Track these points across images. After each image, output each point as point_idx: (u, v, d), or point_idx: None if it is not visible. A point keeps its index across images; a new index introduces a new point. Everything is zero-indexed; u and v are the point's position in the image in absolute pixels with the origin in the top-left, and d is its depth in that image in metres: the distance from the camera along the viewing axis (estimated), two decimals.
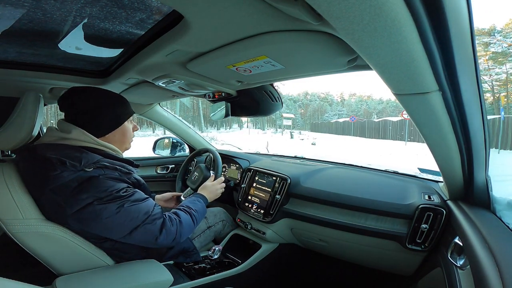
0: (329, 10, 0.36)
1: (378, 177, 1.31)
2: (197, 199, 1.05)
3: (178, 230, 0.87)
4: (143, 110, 1.68)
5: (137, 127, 1.01)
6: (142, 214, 0.81)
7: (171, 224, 0.86)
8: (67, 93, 0.86)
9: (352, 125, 27.43)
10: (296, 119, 51.22)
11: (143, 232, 0.81)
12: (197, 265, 1.17)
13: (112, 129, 0.90)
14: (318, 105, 60.63)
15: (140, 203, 0.82)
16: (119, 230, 0.80)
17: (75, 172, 0.77)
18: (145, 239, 0.83)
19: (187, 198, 1.08)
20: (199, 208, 1.01)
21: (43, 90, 1.25)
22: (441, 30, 0.39)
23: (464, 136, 0.66)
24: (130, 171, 0.88)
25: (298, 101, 63.32)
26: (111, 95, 0.90)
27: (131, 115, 0.97)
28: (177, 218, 0.90)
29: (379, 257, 1.11)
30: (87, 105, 0.85)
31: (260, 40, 0.59)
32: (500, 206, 0.76)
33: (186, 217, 0.93)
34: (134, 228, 0.80)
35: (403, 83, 0.51)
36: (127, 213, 0.79)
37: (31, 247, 0.79)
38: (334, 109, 56.97)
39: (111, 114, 0.89)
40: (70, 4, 0.65)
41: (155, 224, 0.83)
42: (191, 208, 0.98)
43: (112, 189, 0.78)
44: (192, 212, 0.96)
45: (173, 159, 1.98)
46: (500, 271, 0.49)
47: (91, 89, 0.87)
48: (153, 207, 0.85)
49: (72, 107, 0.86)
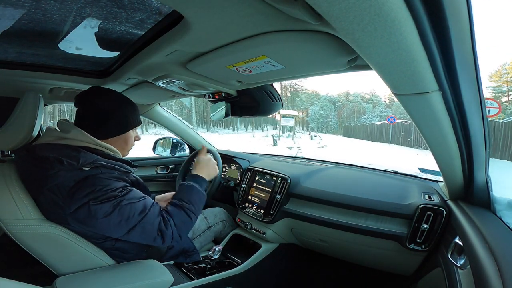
0: (329, 10, 0.36)
1: (378, 177, 1.31)
2: (190, 186, 0.95)
3: (175, 233, 0.84)
4: (143, 110, 1.68)
5: (139, 136, 1.01)
6: (137, 213, 0.80)
7: (166, 226, 0.83)
8: (88, 91, 0.89)
9: (391, 128, 18.95)
10: (329, 121, 46.49)
11: (140, 231, 0.80)
12: (197, 265, 1.17)
13: (118, 133, 0.91)
14: (354, 106, 50.68)
15: (136, 202, 0.81)
16: (116, 230, 0.79)
17: (72, 171, 0.77)
18: (143, 238, 0.82)
19: (179, 187, 0.98)
20: (193, 198, 0.92)
21: (43, 90, 1.25)
22: (441, 30, 0.39)
23: (464, 136, 0.66)
24: (128, 170, 0.88)
25: (338, 101, 55.21)
26: (128, 101, 0.94)
27: (138, 125, 0.98)
28: (170, 218, 0.85)
29: (379, 257, 1.11)
30: (104, 105, 0.87)
31: (260, 40, 0.59)
32: (500, 206, 0.76)
33: (179, 213, 0.87)
34: (131, 227, 0.79)
35: (403, 83, 0.51)
36: (122, 212, 0.78)
37: (31, 247, 0.79)
38: (376, 110, 46.62)
39: (122, 118, 0.91)
40: (70, 4, 0.65)
41: (152, 224, 0.81)
42: (183, 201, 0.90)
43: (108, 188, 0.77)
44: (185, 205, 0.89)
45: (173, 159, 1.98)
46: (500, 271, 0.49)
47: (110, 91, 0.91)
48: (150, 206, 0.83)
49: (90, 105, 0.88)
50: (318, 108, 48.28)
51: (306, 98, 56.86)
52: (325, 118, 47.07)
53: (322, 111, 47.38)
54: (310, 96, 57.33)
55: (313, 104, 51.84)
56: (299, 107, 56.07)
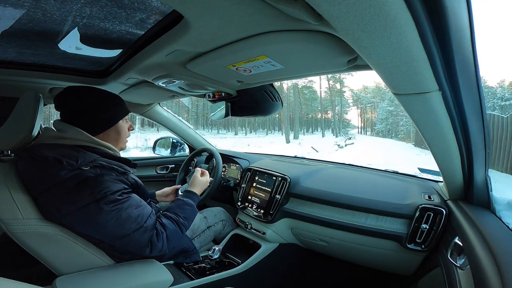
0: (329, 10, 0.36)
1: (378, 177, 1.31)
2: (186, 203, 1.01)
3: (164, 245, 0.87)
4: (143, 110, 1.68)
5: (132, 126, 1.01)
6: (134, 223, 0.80)
7: (157, 239, 0.85)
8: (63, 93, 0.87)
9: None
10: (399, 121, 27.62)
11: (131, 241, 0.82)
12: (197, 265, 1.16)
13: (106, 127, 0.90)
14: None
15: (134, 210, 0.82)
16: (108, 235, 0.80)
17: (72, 171, 0.77)
18: (131, 248, 0.84)
19: (175, 201, 1.04)
20: (188, 214, 0.98)
21: (43, 90, 1.25)
22: (441, 30, 0.39)
23: (464, 136, 0.66)
24: (127, 171, 0.87)
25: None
26: (106, 94, 0.91)
27: (126, 114, 0.97)
28: (163, 232, 0.87)
29: (379, 257, 1.11)
30: (81, 104, 0.86)
31: (260, 40, 0.59)
32: (500, 206, 0.76)
33: (174, 228, 0.91)
34: (122, 236, 0.80)
35: (403, 83, 0.51)
36: (118, 220, 0.78)
37: (31, 247, 0.79)
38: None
39: (106, 113, 0.89)
40: (70, 4, 0.65)
41: (145, 236, 0.82)
42: (179, 216, 0.94)
43: (107, 190, 0.78)
44: (180, 221, 0.93)
45: (173, 159, 1.98)
46: (500, 271, 0.49)
47: (85, 88, 0.88)
48: (147, 218, 0.84)
49: (67, 106, 0.87)
50: (386, 104, 31.95)
51: (376, 93, 38.33)
52: (395, 117, 30.03)
53: (392, 107, 30.35)
54: (380, 91, 36.65)
55: (383, 100, 33.74)
56: (366, 104, 40.31)
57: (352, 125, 42.81)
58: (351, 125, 41.53)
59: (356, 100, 40.40)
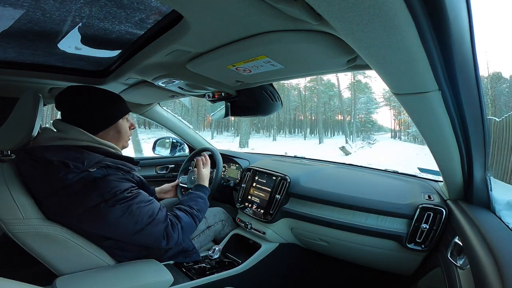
0: (329, 10, 0.36)
1: (378, 177, 1.31)
2: (199, 196, 1.07)
3: (180, 236, 0.89)
4: (143, 110, 1.68)
5: (134, 125, 1.01)
6: (146, 217, 0.82)
7: (173, 230, 0.87)
8: (64, 92, 0.87)
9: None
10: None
11: (146, 235, 0.83)
12: (197, 265, 1.16)
13: (106, 126, 0.90)
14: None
15: (145, 205, 0.83)
16: (122, 232, 0.82)
17: (79, 173, 0.77)
18: (148, 241, 0.86)
19: (187, 194, 1.09)
20: (201, 206, 1.03)
21: (42, 90, 1.25)
22: (440, 29, 0.39)
23: (463, 136, 0.66)
24: (131, 169, 0.89)
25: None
26: (106, 94, 0.91)
27: (127, 113, 0.97)
28: (178, 223, 0.90)
29: (379, 257, 1.11)
30: (83, 103, 0.86)
31: (259, 40, 0.59)
32: (500, 206, 0.76)
33: (188, 220, 0.94)
34: (138, 230, 0.82)
35: (403, 83, 0.51)
36: (131, 216, 0.80)
37: (31, 247, 0.79)
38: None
39: (106, 111, 0.90)
40: (69, 4, 0.65)
41: (159, 228, 0.85)
42: (192, 208, 0.98)
43: (116, 190, 0.79)
44: (194, 213, 0.97)
45: (173, 159, 1.98)
46: (500, 271, 0.49)
47: (86, 88, 0.89)
48: (158, 210, 0.86)
49: (67, 106, 0.87)
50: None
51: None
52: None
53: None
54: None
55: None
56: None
57: (381, 126, 35.66)
58: (378, 127, 33.87)
59: (388, 98, 31.12)
